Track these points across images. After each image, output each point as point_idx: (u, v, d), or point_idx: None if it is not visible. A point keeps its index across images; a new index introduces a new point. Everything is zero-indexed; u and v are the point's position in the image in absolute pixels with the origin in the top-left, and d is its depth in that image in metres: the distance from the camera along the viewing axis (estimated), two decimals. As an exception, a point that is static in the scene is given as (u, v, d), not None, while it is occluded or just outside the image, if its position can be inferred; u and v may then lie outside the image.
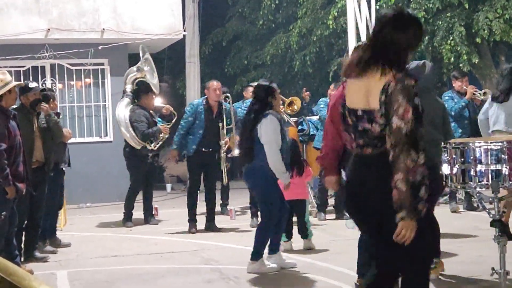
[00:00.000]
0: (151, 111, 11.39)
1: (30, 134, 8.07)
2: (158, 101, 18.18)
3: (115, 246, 9.29)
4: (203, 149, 10.14)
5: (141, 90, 11.50)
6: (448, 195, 11.27)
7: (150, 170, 11.44)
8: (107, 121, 15.09)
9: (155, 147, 11.14)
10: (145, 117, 11.10)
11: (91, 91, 15.10)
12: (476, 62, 15.10)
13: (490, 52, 16.44)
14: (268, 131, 7.17)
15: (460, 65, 14.74)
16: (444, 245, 8.13)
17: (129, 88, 11.81)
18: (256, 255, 7.26)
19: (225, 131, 10.31)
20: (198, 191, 10.48)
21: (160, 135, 11.10)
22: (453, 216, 10.55)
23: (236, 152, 9.95)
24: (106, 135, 15.07)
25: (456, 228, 9.33)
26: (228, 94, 10.94)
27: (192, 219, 10.23)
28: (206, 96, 10.35)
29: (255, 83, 12.71)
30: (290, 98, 11.45)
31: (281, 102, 10.64)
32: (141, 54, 12.05)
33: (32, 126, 8.18)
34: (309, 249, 8.36)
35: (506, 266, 4.42)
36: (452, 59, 15.04)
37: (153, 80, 11.93)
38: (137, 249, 8.96)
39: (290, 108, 11.19)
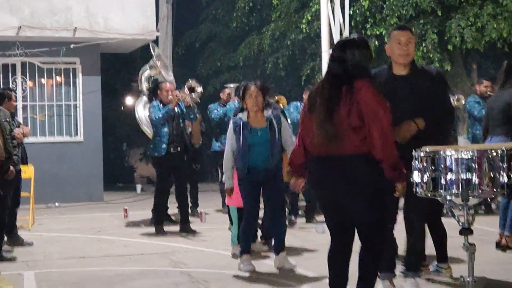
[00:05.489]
0: None
1: None
2: (129, 101, 18.19)
3: (84, 247, 9.21)
4: (172, 149, 10.12)
5: (157, 88, 11.31)
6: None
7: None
8: (78, 120, 14.96)
9: None
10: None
11: (62, 90, 14.98)
12: (448, 69, 15.22)
13: (462, 60, 16.58)
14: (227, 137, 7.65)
15: (432, 72, 14.82)
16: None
17: (145, 86, 11.59)
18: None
19: None
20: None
21: None
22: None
23: None
24: (77, 135, 14.95)
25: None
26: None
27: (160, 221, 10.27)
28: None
29: (231, 85, 12.75)
30: (275, 97, 11.40)
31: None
32: (153, 52, 11.85)
33: None
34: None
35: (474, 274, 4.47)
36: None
37: (168, 76, 11.72)
38: (106, 251, 8.88)
39: None
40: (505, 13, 14.58)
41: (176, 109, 10.11)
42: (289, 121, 10.53)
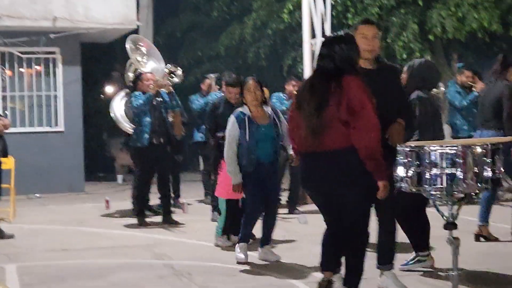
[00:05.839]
0: None
1: None
2: (110, 90, 18.06)
3: (66, 239, 9.15)
4: (155, 141, 10.05)
5: (137, 77, 11.17)
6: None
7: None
8: (58, 111, 14.86)
9: None
10: None
11: (42, 80, 14.86)
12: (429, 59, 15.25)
13: (443, 50, 16.63)
14: (227, 131, 7.44)
15: (413, 62, 14.86)
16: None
17: (131, 77, 11.36)
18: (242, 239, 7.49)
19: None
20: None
21: None
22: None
23: None
24: (57, 125, 14.85)
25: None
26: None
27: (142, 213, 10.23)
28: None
29: (211, 75, 12.68)
30: None
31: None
32: (128, 46, 11.54)
33: None
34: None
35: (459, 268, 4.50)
36: (405, 55, 15.17)
37: (159, 64, 11.49)
38: (88, 243, 8.85)
39: None
40: (486, 3, 14.63)
41: (158, 99, 10.04)
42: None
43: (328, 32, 12.34)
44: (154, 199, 10.92)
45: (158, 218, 10.31)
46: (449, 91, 11.24)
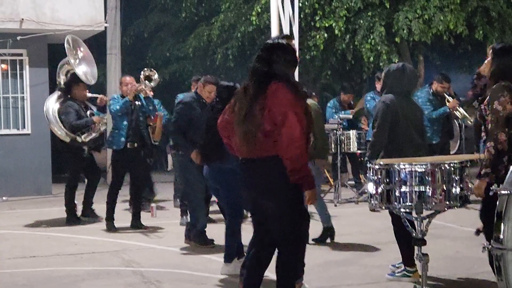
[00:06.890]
0: (86, 102, 11.01)
1: None
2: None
3: (34, 245, 9.09)
4: (129, 145, 10.01)
5: (72, 81, 11.12)
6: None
7: (89, 165, 11.08)
8: (25, 113, 14.74)
9: (85, 138, 10.66)
10: (73, 108, 10.72)
11: (9, 82, 14.72)
12: (396, 62, 15.38)
13: (409, 52, 16.79)
14: None
15: (380, 64, 15.01)
16: (365, 244, 8.32)
17: (62, 80, 11.35)
18: (229, 257, 7.22)
19: None
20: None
21: (96, 126, 10.73)
22: (372, 216, 10.70)
23: None
24: (24, 128, 14.73)
25: (375, 229, 9.49)
26: None
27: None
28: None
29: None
30: None
31: None
32: (66, 46, 11.55)
33: None
34: None
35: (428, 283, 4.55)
36: (372, 58, 15.29)
37: (89, 68, 11.49)
38: (56, 249, 8.78)
39: None
40: (452, 5, 14.83)
41: (136, 103, 10.01)
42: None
43: (296, 34, 12.43)
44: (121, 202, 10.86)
45: (127, 223, 10.26)
46: (419, 97, 10.97)
